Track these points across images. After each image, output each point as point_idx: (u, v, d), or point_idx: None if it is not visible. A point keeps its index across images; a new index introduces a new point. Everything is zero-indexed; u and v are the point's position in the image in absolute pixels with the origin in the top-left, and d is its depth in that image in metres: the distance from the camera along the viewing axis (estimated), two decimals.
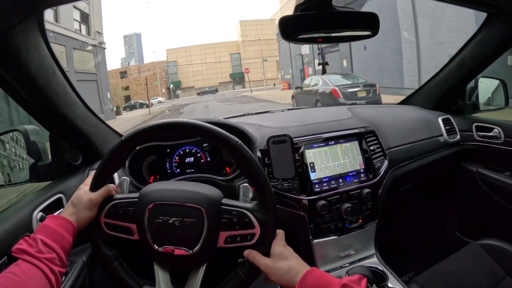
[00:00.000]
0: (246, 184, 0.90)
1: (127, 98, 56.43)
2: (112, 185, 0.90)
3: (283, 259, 0.81)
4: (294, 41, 1.06)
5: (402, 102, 2.03)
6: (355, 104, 1.98)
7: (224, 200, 0.86)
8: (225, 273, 0.89)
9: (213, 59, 71.75)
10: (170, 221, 0.81)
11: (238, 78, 71.10)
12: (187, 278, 0.87)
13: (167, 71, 69.38)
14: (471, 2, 1.24)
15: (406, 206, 1.91)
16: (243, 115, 1.84)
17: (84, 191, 0.88)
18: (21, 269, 0.69)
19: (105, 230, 0.86)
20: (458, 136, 1.75)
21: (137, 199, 0.86)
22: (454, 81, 1.75)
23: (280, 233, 0.87)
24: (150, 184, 0.92)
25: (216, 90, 61.39)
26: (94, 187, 0.87)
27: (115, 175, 1.21)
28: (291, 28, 1.03)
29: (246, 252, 0.84)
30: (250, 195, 0.88)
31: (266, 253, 0.83)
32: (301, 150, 1.21)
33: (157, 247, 0.82)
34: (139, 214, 0.83)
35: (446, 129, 1.73)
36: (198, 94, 58.11)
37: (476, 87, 1.81)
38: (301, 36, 1.05)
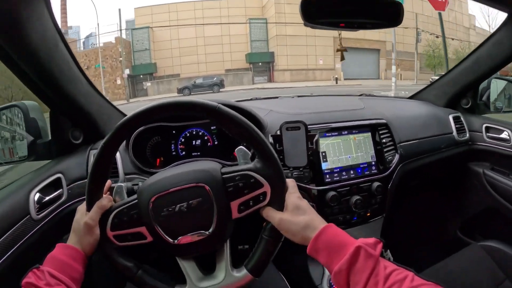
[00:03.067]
0: (241, 146, 0.86)
1: None
2: (106, 197, 0.83)
3: (299, 213, 0.77)
4: (315, 24, 1.03)
5: (413, 97, 2.00)
6: (364, 94, 1.93)
7: (224, 169, 0.80)
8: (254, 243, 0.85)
9: (217, 29, 35.21)
10: (176, 209, 0.77)
11: (261, 63, 35.09)
12: (214, 261, 0.83)
13: (131, 44, 34.74)
14: (493, 1, 1.20)
15: (411, 202, 1.91)
16: (251, 99, 1.79)
17: (80, 214, 0.84)
18: None
19: (116, 243, 0.80)
20: (468, 135, 1.73)
21: (136, 200, 0.80)
22: (468, 80, 1.73)
23: (291, 183, 0.82)
24: (145, 180, 0.87)
25: (219, 85, 28.66)
26: (89, 206, 0.81)
27: (120, 167, 1.18)
28: (313, 11, 1.00)
29: (262, 212, 0.80)
30: (249, 156, 0.84)
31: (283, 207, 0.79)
32: (316, 138, 1.18)
33: (172, 241, 0.77)
34: (143, 214, 0.78)
35: (456, 128, 1.71)
36: (180, 91, 28.10)
37: (488, 87, 1.79)
38: (323, 20, 1.02)
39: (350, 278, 0.66)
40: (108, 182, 0.89)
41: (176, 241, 0.77)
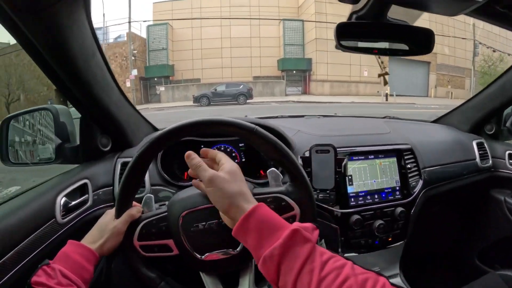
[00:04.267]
0: (273, 168, 0.86)
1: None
2: (135, 207, 0.84)
3: (236, 178, 0.72)
4: (349, 49, 1.02)
5: (437, 120, 1.99)
6: (388, 117, 1.92)
7: (256, 190, 0.81)
8: None
9: (245, 30, 29.74)
10: (206, 226, 0.77)
11: (295, 71, 29.57)
12: (237, 279, 0.84)
13: (146, 42, 29.75)
14: None
15: (431, 228, 1.87)
16: (277, 117, 1.80)
17: (109, 218, 0.84)
18: None
19: (142, 253, 0.81)
20: (490, 162, 1.71)
21: (166, 213, 0.82)
22: (493, 106, 1.71)
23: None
24: (175, 194, 0.88)
25: (246, 95, 22.89)
26: (119, 214, 0.82)
27: (147, 178, 1.18)
28: (347, 35, 1.00)
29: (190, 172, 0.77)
30: (281, 178, 0.85)
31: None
32: (344, 162, 1.19)
33: (200, 256, 0.78)
34: (172, 228, 0.79)
35: (479, 154, 1.69)
36: (196, 100, 22.62)
37: None
38: (356, 45, 1.02)
39: (282, 265, 0.60)
40: None
41: (203, 257, 0.77)
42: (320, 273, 0.57)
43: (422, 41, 1.03)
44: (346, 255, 1.27)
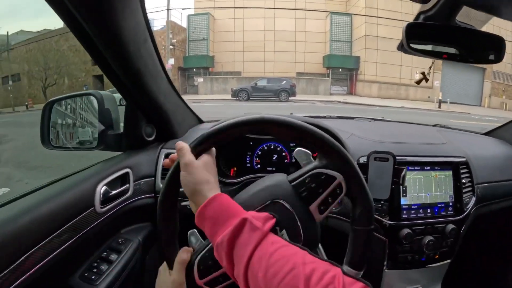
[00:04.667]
0: (298, 148, 0.79)
1: (99, 79, 24.13)
2: (184, 250, 0.77)
3: (208, 168, 0.72)
4: (417, 51, 0.97)
5: (489, 133, 1.87)
6: (439, 125, 1.84)
7: (290, 176, 0.76)
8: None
9: (290, 24, 27.80)
10: None
11: (341, 70, 27.40)
12: None
13: (186, 31, 28.51)
14: None
15: (477, 248, 1.80)
16: (325, 117, 1.74)
17: (164, 275, 0.79)
18: None
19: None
20: None
21: None
22: None
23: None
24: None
25: (289, 91, 20.67)
26: (170, 263, 0.77)
27: None
28: (417, 36, 0.96)
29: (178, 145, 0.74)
30: (310, 155, 0.78)
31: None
32: (403, 173, 1.10)
33: None
34: None
35: None
36: (235, 94, 20.80)
37: None
38: (425, 48, 0.98)
39: (234, 252, 0.62)
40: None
41: None
42: (269, 260, 0.57)
43: (491, 48, 0.98)
44: (389, 271, 1.23)
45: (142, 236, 1.18)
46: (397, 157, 1.17)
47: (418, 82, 1.30)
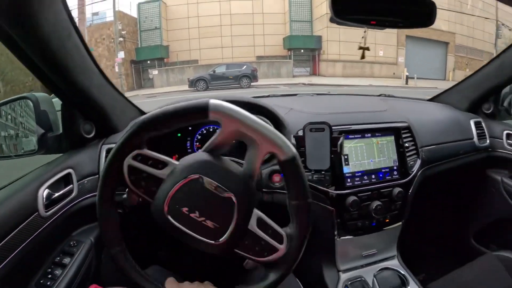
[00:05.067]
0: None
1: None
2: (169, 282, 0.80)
3: None
4: (344, 20, 0.98)
5: (433, 99, 1.96)
6: (384, 95, 1.90)
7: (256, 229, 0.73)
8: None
9: (247, 6, 26.33)
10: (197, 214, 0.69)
11: (303, 50, 26.75)
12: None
13: (137, 21, 26.45)
14: None
15: (427, 209, 1.88)
16: (269, 96, 1.75)
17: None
18: None
19: (126, 176, 0.71)
20: (488, 141, 1.69)
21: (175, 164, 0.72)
22: (491, 85, 1.68)
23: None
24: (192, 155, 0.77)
25: (250, 76, 19.89)
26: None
27: None
28: (344, 6, 0.97)
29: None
30: None
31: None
32: (340, 141, 1.13)
33: (171, 220, 0.69)
34: (170, 180, 0.70)
35: (477, 133, 1.67)
36: (192, 84, 19.69)
37: (510, 92, 1.74)
38: (353, 17, 0.98)
39: None
40: None
41: (175, 222, 0.70)
42: None
43: (423, 13, 1.00)
44: (342, 238, 1.27)
45: (94, 235, 1.16)
46: (335, 127, 1.19)
47: (363, 57, 1.40)
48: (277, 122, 1.24)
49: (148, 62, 25.65)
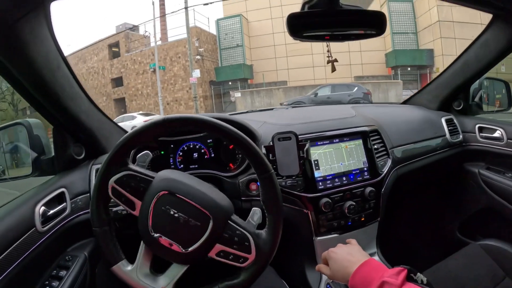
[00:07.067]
0: (257, 208, 0.88)
1: (120, 103, 24.37)
2: None
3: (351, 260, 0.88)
4: (301, 38, 1.07)
5: (405, 102, 2.03)
6: (359, 103, 1.99)
7: (234, 217, 0.85)
8: (201, 280, 0.92)
9: None
10: (176, 215, 0.81)
11: (409, 68, 21.93)
12: (165, 268, 0.87)
13: (217, 40, 24.25)
14: (476, 2, 1.23)
15: (408, 205, 1.94)
16: (247, 112, 1.85)
17: None
18: None
19: (110, 194, 0.85)
20: (461, 136, 1.76)
21: (152, 179, 0.84)
22: (458, 82, 1.76)
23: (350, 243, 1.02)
24: (169, 170, 0.91)
25: (363, 101, 13.07)
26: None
27: None
28: (299, 25, 1.05)
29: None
30: (256, 218, 0.87)
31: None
32: (306, 147, 1.21)
33: (153, 233, 0.81)
34: (148, 195, 0.83)
35: (449, 130, 1.74)
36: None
37: (479, 88, 1.81)
38: (308, 34, 1.06)
39: None
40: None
41: (155, 235, 0.80)
42: None
43: (374, 24, 1.07)
44: (320, 238, 1.31)
45: (88, 250, 1.21)
46: (302, 135, 1.28)
47: (332, 70, 1.39)
48: (250, 134, 1.31)
49: (230, 83, 23.41)
